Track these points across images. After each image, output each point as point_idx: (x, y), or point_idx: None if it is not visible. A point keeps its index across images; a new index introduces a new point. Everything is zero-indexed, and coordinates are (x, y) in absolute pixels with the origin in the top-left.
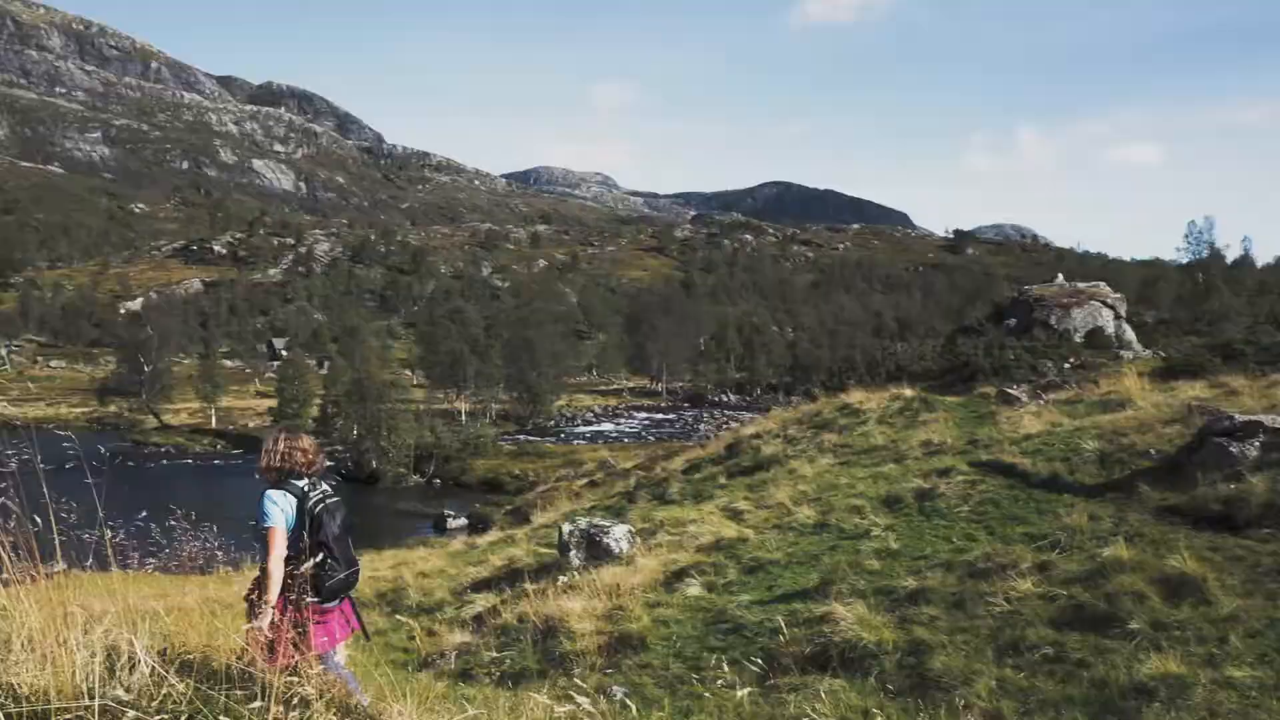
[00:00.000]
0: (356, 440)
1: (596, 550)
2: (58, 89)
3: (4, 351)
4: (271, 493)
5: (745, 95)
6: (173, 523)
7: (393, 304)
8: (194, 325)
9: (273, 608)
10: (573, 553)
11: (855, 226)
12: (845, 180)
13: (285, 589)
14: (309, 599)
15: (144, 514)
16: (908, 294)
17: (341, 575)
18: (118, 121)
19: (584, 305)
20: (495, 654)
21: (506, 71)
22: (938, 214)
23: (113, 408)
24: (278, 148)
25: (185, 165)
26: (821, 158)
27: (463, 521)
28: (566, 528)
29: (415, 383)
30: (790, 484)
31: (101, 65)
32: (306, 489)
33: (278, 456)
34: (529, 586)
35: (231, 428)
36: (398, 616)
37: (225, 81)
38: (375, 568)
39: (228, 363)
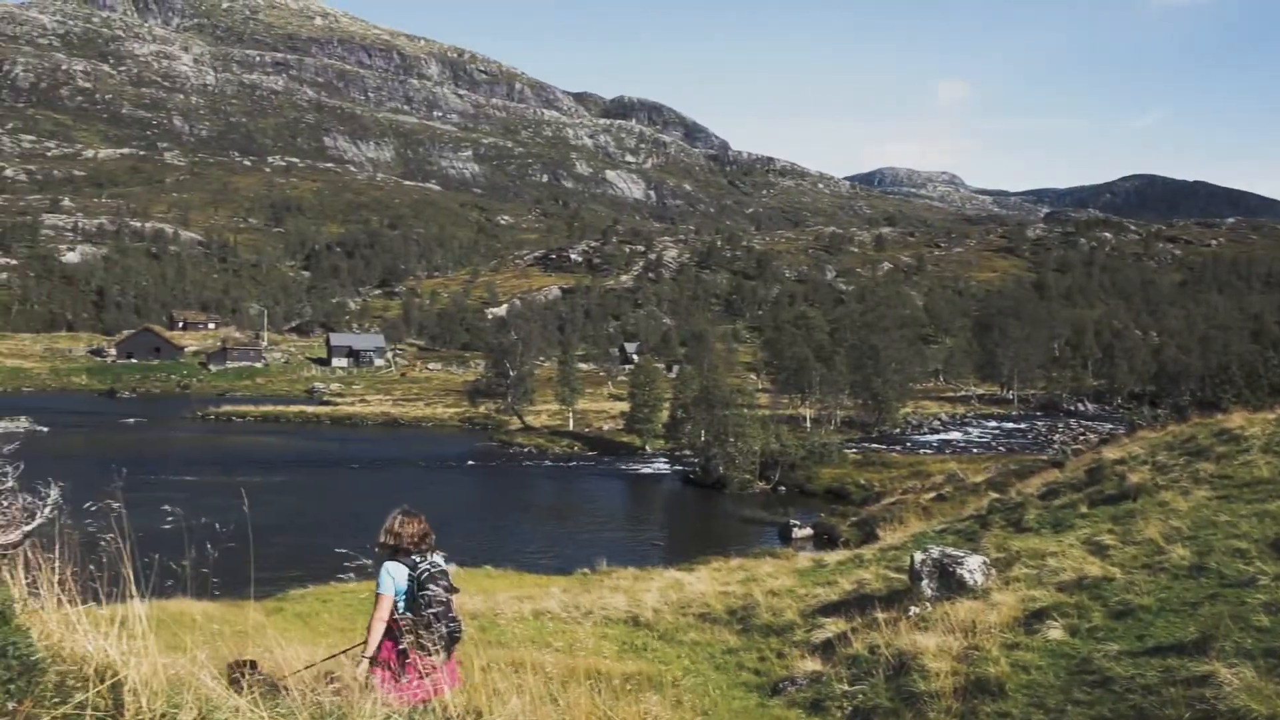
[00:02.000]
0: (704, 446)
1: (949, 581)
2: (435, 113)
3: (390, 355)
4: (388, 564)
5: (1099, 85)
6: (530, 522)
7: (738, 308)
8: (552, 330)
9: (368, 657)
10: (924, 582)
11: (1230, 220)
12: (1219, 170)
13: (399, 641)
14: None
15: (500, 510)
16: None
17: (443, 634)
18: (486, 140)
19: (930, 309)
20: (846, 686)
21: (847, 73)
22: None
23: (482, 409)
24: (629, 158)
25: (545, 178)
26: (1190, 147)
27: (808, 531)
28: (919, 556)
29: (759, 387)
30: (1161, 518)
31: (472, 89)
32: (417, 561)
33: (392, 536)
34: (880, 615)
35: (587, 429)
36: (749, 636)
37: (580, 97)
38: (725, 582)
39: (583, 366)
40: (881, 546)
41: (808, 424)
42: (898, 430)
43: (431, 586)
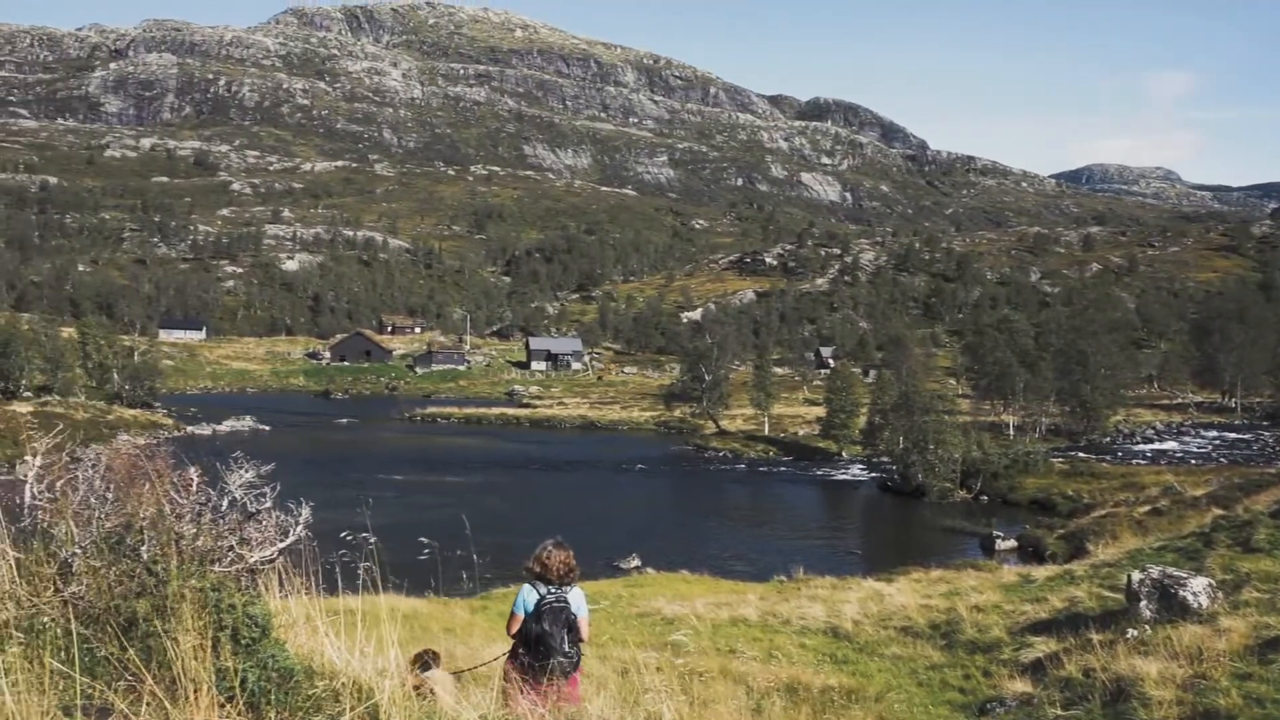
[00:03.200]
0: (903, 452)
1: (1170, 604)
2: (631, 119)
3: (587, 358)
4: (524, 588)
5: None
6: (725, 527)
7: (937, 311)
8: (747, 334)
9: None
10: (1143, 603)
11: None
12: None
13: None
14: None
15: (707, 518)
16: None
17: (552, 661)
18: (681, 145)
19: (1143, 312)
20: (1060, 711)
21: (1054, 68)
22: None
23: (677, 412)
24: (824, 160)
25: (739, 182)
26: None
27: (1012, 544)
28: (1136, 575)
29: (960, 393)
30: None
31: (667, 95)
32: (547, 592)
33: (538, 564)
34: (1094, 636)
35: (782, 435)
36: (953, 652)
37: (775, 100)
38: (927, 594)
39: (778, 370)
40: (1093, 562)
41: (1011, 432)
42: (1108, 439)
43: (548, 618)
